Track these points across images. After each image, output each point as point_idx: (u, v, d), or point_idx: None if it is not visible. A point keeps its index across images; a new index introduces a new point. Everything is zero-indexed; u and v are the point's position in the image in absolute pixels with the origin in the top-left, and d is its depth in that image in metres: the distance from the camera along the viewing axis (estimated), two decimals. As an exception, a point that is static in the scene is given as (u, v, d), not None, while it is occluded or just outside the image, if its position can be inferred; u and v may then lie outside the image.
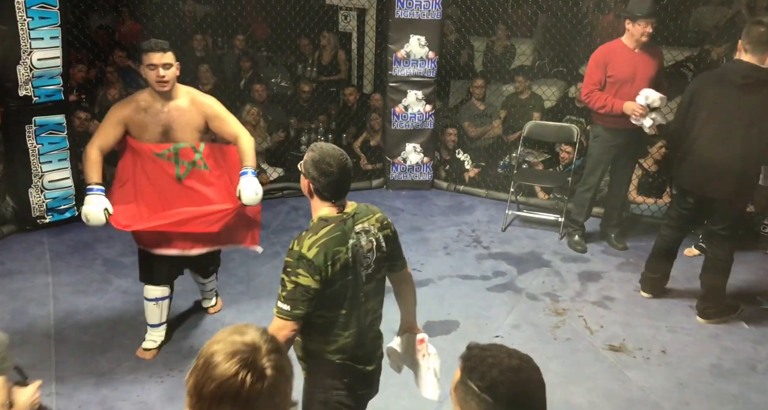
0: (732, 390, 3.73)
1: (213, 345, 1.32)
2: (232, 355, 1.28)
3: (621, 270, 4.96)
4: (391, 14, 5.91)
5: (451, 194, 6.32)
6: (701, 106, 4.03)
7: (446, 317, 4.31)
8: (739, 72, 3.89)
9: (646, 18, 4.61)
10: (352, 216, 2.35)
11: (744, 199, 4.17)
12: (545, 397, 1.44)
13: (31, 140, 5.10)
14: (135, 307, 4.30)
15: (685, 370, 3.88)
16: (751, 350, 4.08)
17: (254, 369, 1.27)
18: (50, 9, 4.89)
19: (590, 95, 4.84)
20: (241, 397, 1.26)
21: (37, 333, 4.07)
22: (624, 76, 4.70)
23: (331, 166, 2.24)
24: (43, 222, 5.29)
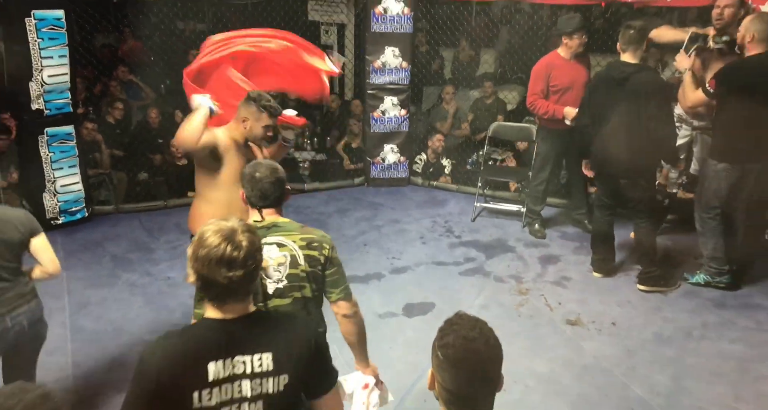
0: (671, 355, 3.81)
1: (204, 227, 1.65)
2: (217, 232, 1.62)
3: (576, 253, 5.01)
4: (367, 28, 5.94)
5: (425, 189, 6.32)
6: (596, 100, 4.28)
7: (423, 299, 4.34)
8: (617, 68, 4.18)
9: (578, 31, 4.74)
10: (267, 228, 2.24)
11: (641, 176, 4.27)
12: (492, 370, 1.45)
13: (44, 149, 5.09)
14: (142, 298, 4.35)
15: (632, 339, 3.95)
16: (687, 319, 4.15)
17: (232, 241, 1.60)
18: (58, 30, 4.89)
19: (534, 103, 4.94)
20: (224, 260, 1.59)
21: (55, 323, 4.03)
22: (565, 84, 4.79)
23: (256, 179, 2.23)
24: (56, 223, 5.28)
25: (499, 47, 7.26)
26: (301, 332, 1.76)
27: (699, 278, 4.49)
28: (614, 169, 4.27)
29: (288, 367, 1.69)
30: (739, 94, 4.03)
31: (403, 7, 5.84)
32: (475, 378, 1.42)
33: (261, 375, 1.67)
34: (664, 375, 3.63)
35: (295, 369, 1.70)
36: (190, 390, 1.60)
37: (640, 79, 4.07)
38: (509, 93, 6.63)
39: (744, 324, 4.12)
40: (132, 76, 6.62)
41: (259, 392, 1.68)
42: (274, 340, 1.69)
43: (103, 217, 5.58)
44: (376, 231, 5.42)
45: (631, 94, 4.06)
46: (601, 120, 4.25)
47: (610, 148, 4.22)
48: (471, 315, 1.52)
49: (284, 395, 1.70)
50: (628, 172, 4.22)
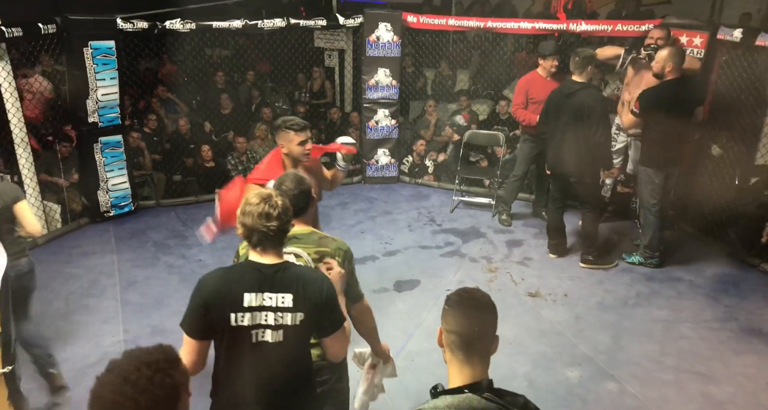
0: (612, 319, 3.87)
1: (249, 193, 1.90)
2: (258, 196, 1.81)
3: (536, 238, 5.04)
4: (363, 53, 5.93)
5: (412, 186, 6.32)
6: (550, 110, 4.34)
7: (411, 277, 4.37)
8: (567, 85, 4.25)
9: (553, 55, 4.77)
10: (288, 238, 2.01)
11: (586, 176, 4.31)
12: (488, 315, 1.48)
13: (98, 155, 5.13)
14: (178, 277, 4.39)
15: (580, 307, 4.00)
16: (624, 291, 4.22)
17: (269, 202, 1.79)
18: (110, 57, 4.93)
19: (516, 112, 4.98)
20: (263, 214, 1.78)
21: (108, 296, 4.13)
22: (540, 98, 4.76)
23: (282, 191, 2.07)
24: (108, 215, 5.31)
25: (472, 68, 7.27)
26: (315, 283, 1.84)
27: (635, 259, 4.56)
28: (564, 169, 4.32)
29: (303, 307, 1.82)
30: (657, 113, 4.11)
31: (393, 36, 5.85)
32: (475, 319, 1.44)
33: (282, 309, 1.81)
34: (606, 336, 3.69)
35: (308, 310, 1.82)
36: (229, 310, 1.79)
37: (583, 95, 4.13)
38: (480, 106, 6.64)
39: (668, 293, 4.20)
40: (169, 93, 6.62)
41: (280, 323, 1.82)
42: (294, 285, 1.82)
43: (146, 210, 5.60)
44: (371, 221, 5.44)
45: (576, 107, 4.13)
46: (555, 127, 4.31)
47: (561, 151, 4.28)
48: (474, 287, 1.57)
49: (299, 328, 1.83)
50: (576, 172, 4.27)
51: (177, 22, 5.20)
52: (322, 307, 1.84)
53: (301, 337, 1.88)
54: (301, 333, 1.87)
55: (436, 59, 6.72)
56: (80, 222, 5.24)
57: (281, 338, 1.84)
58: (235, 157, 6.04)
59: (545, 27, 5.35)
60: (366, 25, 5.82)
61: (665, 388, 3.25)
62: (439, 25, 5.77)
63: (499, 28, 5.54)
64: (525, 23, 5.41)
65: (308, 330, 1.88)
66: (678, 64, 4.08)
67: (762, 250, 4.55)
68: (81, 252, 4.78)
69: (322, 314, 1.86)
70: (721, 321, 3.87)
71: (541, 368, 3.40)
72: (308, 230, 2.17)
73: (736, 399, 3.17)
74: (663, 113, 4.08)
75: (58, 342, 3.58)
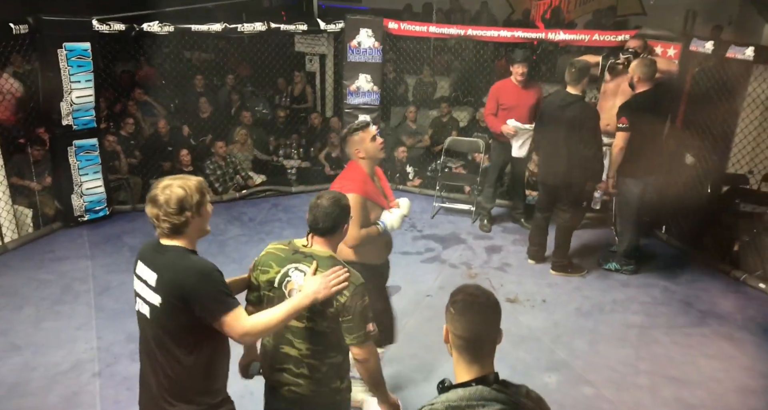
0: (589, 326, 3.92)
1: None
2: (168, 179, 1.96)
3: (515, 244, 5.09)
4: (344, 58, 5.94)
5: (393, 192, 6.32)
6: (543, 121, 4.34)
7: (392, 282, 4.12)
8: (560, 97, 4.25)
9: (521, 62, 4.81)
10: (304, 255, 2.01)
11: (573, 185, 4.33)
12: (492, 317, 1.47)
13: (72, 158, 5.04)
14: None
15: (558, 313, 4.04)
16: (601, 297, 4.28)
17: (164, 189, 1.92)
18: (85, 59, 4.86)
19: (486, 119, 5.03)
20: (149, 198, 1.92)
21: (81, 303, 4.05)
22: (510, 105, 4.86)
23: (314, 205, 2.03)
24: (82, 220, 5.22)
25: (453, 75, 7.35)
26: (182, 274, 1.81)
27: (611, 265, 4.64)
28: (553, 179, 4.35)
29: (162, 292, 1.83)
30: (632, 124, 4.19)
31: (374, 42, 5.88)
32: (481, 323, 1.45)
33: (149, 287, 1.87)
34: (583, 341, 3.74)
35: (167, 297, 1.82)
36: (131, 274, 1.97)
37: (577, 108, 4.13)
38: (461, 113, 6.71)
39: (643, 299, 4.28)
40: (147, 96, 6.55)
41: (148, 300, 1.88)
42: (164, 269, 1.84)
43: (121, 215, 5.51)
44: (352, 226, 5.45)
45: (570, 120, 4.12)
46: (547, 137, 4.31)
47: (552, 162, 4.30)
48: (475, 283, 1.56)
49: (162, 310, 1.83)
50: (564, 182, 4.30)
51: (155, 25, 5.16)
52: (185, 299, 1.78)
53: (164, 321, 1.84)
54: (164, 317, 1.83)
55: (418, 66, 6.78)
56: (53, 227, 5.14)
57: (149, 314, 1.88)
58: (214, 161, 5.99)
59: (524, 36, 5.45)
60: (347, 31, 5.84)
61: (639, 393, 3.31)
62: (420, 32, 5.83)
63: (478, 36, 5.61)
64: (504, 32, 5.49)
65: (168, 313, 1.82)
66: (646, 75, 4.17)
67: (733, 258, 4.67)
68: (53, 257, 4.68)
69: (191, 305, 1.79)
70: (694, 327, 3.96)
71: (519, 373, 3.42)
72: (327, 253, 2.02)
73: (707, 403, 3.24)
74: (639, 124, 4.17)
75: (29, 350, 3.50)
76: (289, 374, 2.07)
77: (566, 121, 4.13)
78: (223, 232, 5.15)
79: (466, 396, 1.36)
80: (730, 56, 4.39)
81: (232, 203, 5.84)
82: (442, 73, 7.36)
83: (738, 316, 4.09)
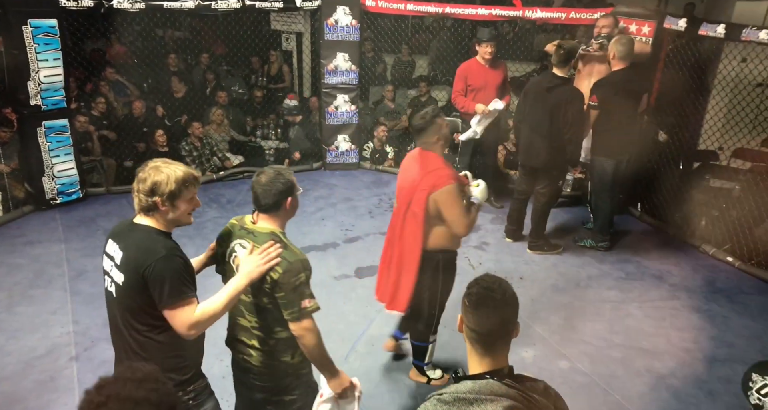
0: (565, 301, 4.00)
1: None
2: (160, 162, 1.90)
3: (493, 223, 5.13)
4: (321, 37, 5.85)
5: (372, 172, 6.30)
6: (527, 102, 4.30)
7: (372, 263, 4.31)
8: (547, 78, 4.20)
9: (487, 42, 4.78)
10: (248, 231, 2.04)
11: (554, 168, 4.36)
12: (507, 314, 1.43)
13: (42, 139, 4.89)
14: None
15: (535, 290, 4.10)
16: (576, 273, 4.35)
17: (151, 170, 1.87)
18: (52, 37, 4.69)
19: (455, 99, 4.98)
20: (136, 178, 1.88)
21: (56, 287, 3.98)
22: (478, 85, 4.84)
23: (254, 181, 2.03)
24: (55, 202, 5.10)
25: (431, 54, 7.29)
26: (143, 256, 1.81)
27: (586, 242, 4.72)
28: (535, 162, 4.35)
29: (125, 270, 1.84)
30: (606, 103, 4.21)
31: (351, 20, 5.79)
32: (493, 319, 1.41)
33: (116, 265, 1.87)
34: (559, 317, 3.81)
35: (129, 276, 1.82)
36: (101, 253, 1.98)
37: (563, 91, 4.10)
38: (439, 92, 6.68)
39: (617, 275, 4.36)
40: (118, 76, 6.37)
41: (114, 278, 1.89)
42: (129, 248, 1.84)
43: (95, 198, 5.40)
44: (332, 207, 5.41)
45: (554, 103, 4.09)
46: (529, 118, 4.27)
47: (533, 143, 4.28)
48: (494, 274, 1.50)
49: (125, 288, 1.84)
50: (544, 164, 4.31)
51: (125, 1, 4.98)
52: (144, 281, 1.79)
53: (127, 300, 1.85)
54: (128, 295, 1.84)
55: (396, 44, 6.69)
56: (24, 210, 5.02)
57: (114, 293, 1.89)
58: (189, 142, 5.88)
59: (502, 13, 5.41)
60: (324, 8, 5.73)
61: (613, 365, 3.40)
62: (398, 10, 5.74)
63: (457, 14, 5.56)
64: (482, 9, 5.44)
65: (132, 293, 1.83)
66: (622, 53, 4.18)
67: (703, 232, 4.79)
68: (25, 241, 4.57)
69: (147, 287, 1.80)
70: (665, 300, 4.06)
71: (497, 349, 3.48)
72: (267, 229, 2.02)
73: (677, 373, 3.35)
74: (613, 103, 4.20)
75: (2, 335, 3.44)
76: (243, 344, 2.12)
77: (551, 104, 4.10)
78: (201, 214, 5.07)
79: (476, 389, 1.33)
80: (702, 33, 4.43)
81: (209, 185, 5.76)
82: (420, 51, 7.28)
83: (707, 289, 4.21)
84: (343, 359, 3.32)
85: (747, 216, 4.51)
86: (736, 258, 4.49)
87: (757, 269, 4.37)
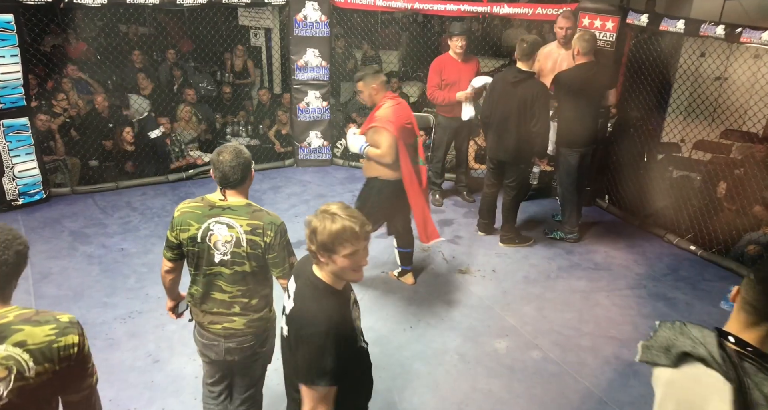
0: (536, 292, 4.06)
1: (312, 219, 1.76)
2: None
3: (465, 217, 5.16)
4: (290, 32, 5.78)
5: (345, 168, 6.28)
6: (494, 97, 4.33)
7: None
8: (512, 73, 4.24)
9: (459, 35, 4.80)
10: (222, 209, 2.15)
11: (522, 162, 4.41)
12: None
13: (1, 139, 4.71)
14: (99, 267, 4.17)
15: (507, 282, 4.15)
16: (546, 265, 4.42)
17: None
18: (8, 32, 4.50)
19: (432, 94, 4.98)
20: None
21: (20, 290, 3.78)
22: (452, 79, 4.85)
23: (219, 161, 2.12)
24: (16, 204, 4.93)
25: (401, 49, 7.27)
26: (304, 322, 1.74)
27: (556, 234, 4.80)
28: (503, 156, 4.37)
29: (289, 325, 1.84)
30: (568, 95, 4.28)
31: (321, 15, 5.74)
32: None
33: (286, 314, 1.88)
34: (530, 307, 3.87)
35: (290, 335, 1.82)
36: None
37: (528, 85, 4.13)
38: (411, 88, 6.68)
39: (586, 265, 4.45)
40: (81, 73, 6.17)
41: (283, 329, 1.91)
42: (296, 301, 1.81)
43: (60, 198, 5.24)
44: (305, 204, 5.37)
45: (520, 96, 4.12)
46: (496, 113, 4.30)
47: (501, 138, 4.31)
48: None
49: (288, 345, 1.86)
50: (513, 158, 4.34)
51: (86, -4, 4.82)
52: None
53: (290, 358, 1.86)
54: (292, 355, 1.81)
55: (366, 39, 6.66)
56: (-16, 213, 4.84)
57: (282, 342, 1.97)
58: (159, 139, 5.75)
59: (470, 9, 5.44)
60: (292, 4, 5.66)
61: (583, 353, 3.47)
62: (367, 5, 5.71)
63: (425, 9, 5.56)
64: (451, 5, 5.47)
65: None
66: (585, 48, 4.26)
67: (667, 222, 4.92)
68: (-14, 244, 4.40)
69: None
70: (632, 288, 4.17)
71: (471, 341, 3.53)
72: (243, 202, 2.18)
73: (644, 359, 3.43)
74: (575, 95, 4.27)
75: (-36, 343, 3.31)
76: (222, 315, 2.25)
77: (518, 98, 4.13)
78: (171, 213, 4.97)
79: (692, 334, 1.40)
80: (663, 29, 4.54)
81: (178, 183, 5.65)
82: (390, 47, 7.26)
83: (671, 277, 4.33)
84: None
85: (708, 205, 4.66)
86: (698, 247, 4.64)
87: (718, 256, 4.51)
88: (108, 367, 3.11)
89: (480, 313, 3.79)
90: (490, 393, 3.13)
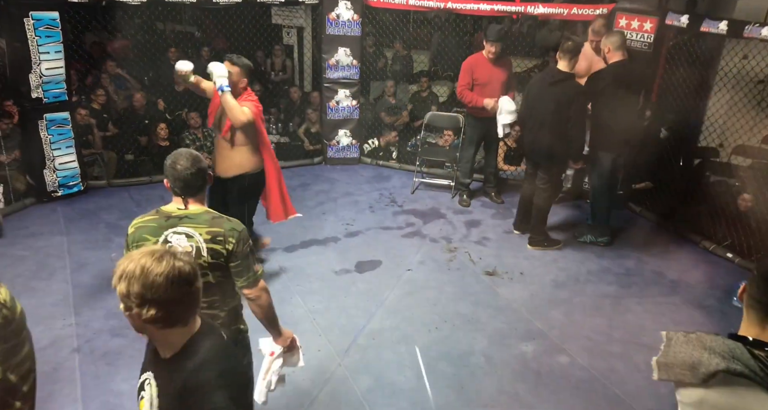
0: (564, 296, 4.00)
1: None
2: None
3: (494, 218, 5.13)
4: (322, 31, 5.82)
5: (373, 167, 6.30)
6: (531, 98, 4.29)
7: (372, 257, 4.37)
8: (550, 74, 4.19)
9: (494, 42, 4.76)
10: (180, 218, 2.02)
11: (555, 163, 4.35)
12: None
13: (43, 132, 4.88)
14: (134, 258, 4.29)
15: (535, 285, 4.10)
16: (576, 268, 4.35)
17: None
18: (54, 29, 4.67)
19: (462, 93, 4.95)
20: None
21: (58, 279, 3.98)
22: (483, 80, 4.83)
23: (178, 171, 2.02)
24: (56, 195, 5.09)
25: (432, 49, 7.25)
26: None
27: (586, 238, 4.71)
28: (536, 155, 4.34)
29: None
30: (603, 96, 4.19)
31: (353, 14, 5.77)
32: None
33: None
34: (558, 312, 3.81)
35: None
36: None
37: (566, 85, 4.08)
38: (441, 87, 6.65)
39: (617, 270, 4.36)
40: (119, 69, 6.34)
41: None
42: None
43: (97, 191, 5.39)
44: (332, 202, 5.41)
45: (558, 97, 4.08)
46: (533, 113, 4.26)
47: (536, 138, 4.27)
48: None
49: None
50: (547, 159, 4.30)
51: (126, -6, 4.95)
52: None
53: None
54: None
55: (396, 39, 6.66)
56: (25, 203, 5.01)
57: None
58: (192, 133, 5.87)
59: (504, 9, 5.39)
60: (325, 3, 5.70)
61: (613, 359, 3.40)
62: (400, 5, 5.72)
63: (458, 8, 5.54)
64: (484, 5, 5.43)
65: None
66: (616, 44, 4.17)
67: (703, 229, 4.79)
68: (27, 233, 4.57)
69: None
70: (665, 296, 4.07)
71: (497, 344, 3.49)
72: (202, 210, 2.06)
73: (676, 368, 3.35)
74: (610, 95, 4.19)
75: (5, 327, 3.44)
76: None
77: (554, 98, 4.09)
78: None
79: (717, 344, 1.35)
80: (704, 30, 4.42)
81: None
82: (421, 46, 7.25)
83: (706, 285, 4.22)
84: (344, 352, 3.33)
85: (747, 212, 4.51)
86: (735, 255, 4.50)
87: (757, 265, 4.37)
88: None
89: (507, 316, 3.76)
90: (516, 397, 3.10)
